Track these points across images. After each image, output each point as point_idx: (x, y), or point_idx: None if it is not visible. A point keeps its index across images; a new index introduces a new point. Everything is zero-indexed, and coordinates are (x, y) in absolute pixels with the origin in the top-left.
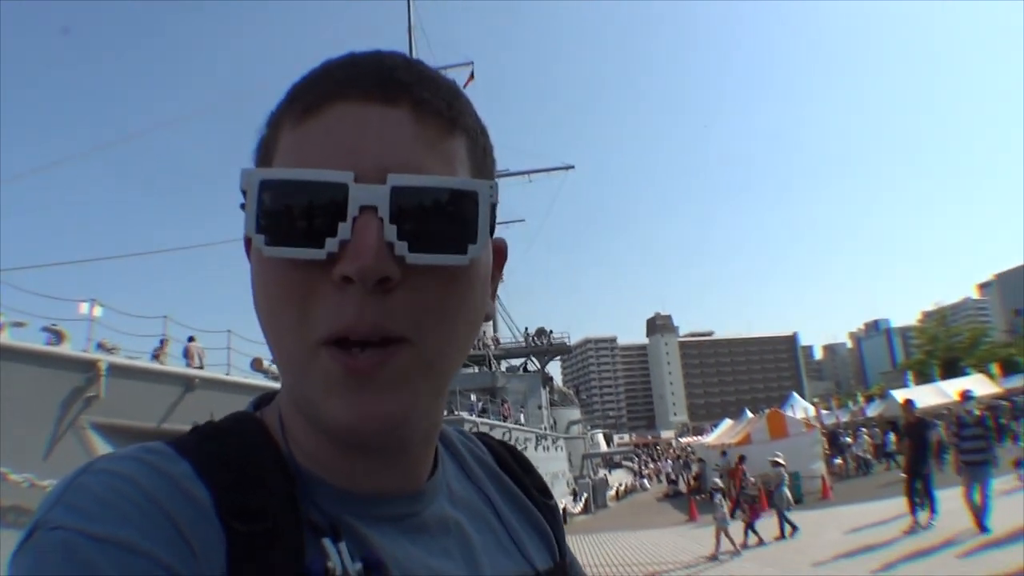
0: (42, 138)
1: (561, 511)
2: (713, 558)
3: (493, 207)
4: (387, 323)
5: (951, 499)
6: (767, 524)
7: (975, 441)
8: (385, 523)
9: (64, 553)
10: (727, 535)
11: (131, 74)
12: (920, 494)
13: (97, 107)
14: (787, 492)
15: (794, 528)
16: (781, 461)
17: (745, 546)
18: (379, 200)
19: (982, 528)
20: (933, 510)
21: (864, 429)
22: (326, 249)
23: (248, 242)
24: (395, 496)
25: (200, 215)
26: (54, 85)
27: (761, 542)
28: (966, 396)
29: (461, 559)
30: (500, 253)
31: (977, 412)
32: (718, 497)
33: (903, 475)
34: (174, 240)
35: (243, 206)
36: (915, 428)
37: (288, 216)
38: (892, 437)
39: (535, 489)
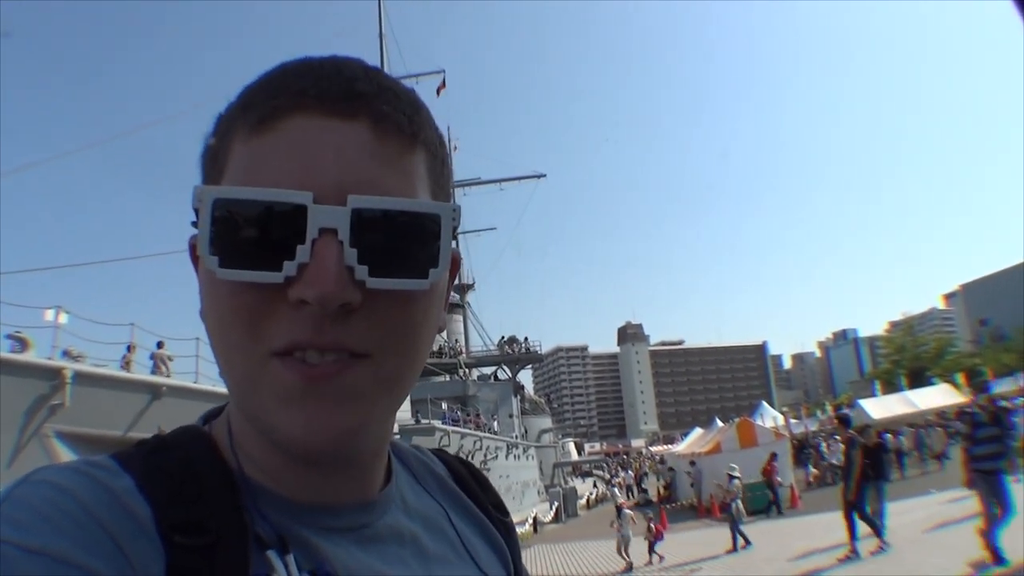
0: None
1: (533, 520)
2: (628, 569)
3: (455, 229)
4: (346, 341)
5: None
6: (722, 535)
7: (989, 445)
8: (337, 534)
9: None
10: (625, 551)
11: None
12: (861, 517)
13: (62, 110)
14: (740, 504)
15: (747, 541)
16: (737, 474)
17: (658, 562)
18: (339, 222)
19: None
20: (854, 536)
21: (839, 437)
22: (284, 273)
23: (194, 249)
24: (347, 507)
25: (178, 217)
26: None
27: (661, 559)
28: (982, 387)
29: (418, 569)
30: (454, 264)
31: (992, 408)
32: (624, 514)
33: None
34: (154, 242)
35: (195, 223)
36: (848, 448)
37: (243, 237)
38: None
39: (491, 506)
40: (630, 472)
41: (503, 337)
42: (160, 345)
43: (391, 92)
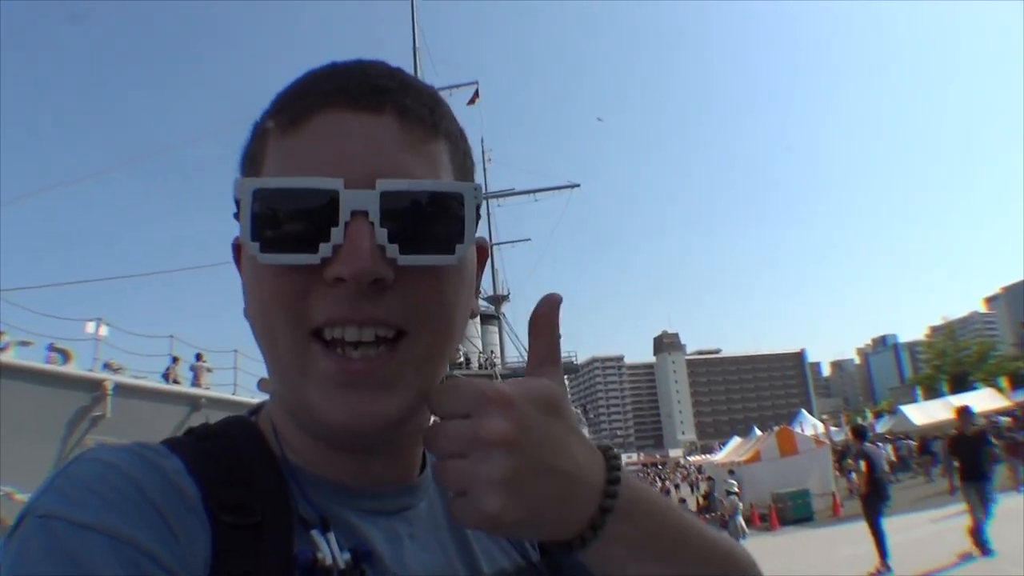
0: (48, 154)
1: None
2: None
3: (477, 208)
4: (381, 315)
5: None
6: (758, 544)
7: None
8: (378, 516)
9: (48, 540)
10: None
11: (140, 85)
12: (872, 532)
13: (106, 122)
14: (740, 521)
15: None
16: (736, 490)
17: None
18: (369, 205)
19: None
20: (883, 554)
21: (883, 444)
22: (320, 254)
23: (236, 250)
24: (387, 491)
25: (216, 229)
26: (62, 98)
27: None
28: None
29: (455, 551)
30: (482, 252)
31: None
32: None
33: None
34: (190, 255)
35: (236, 216)
36: (855, 460)
37: (281, 223)
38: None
39: None
40: (656, 487)
41: (525, 349)
42: (199, 357)
43: (413, 88)
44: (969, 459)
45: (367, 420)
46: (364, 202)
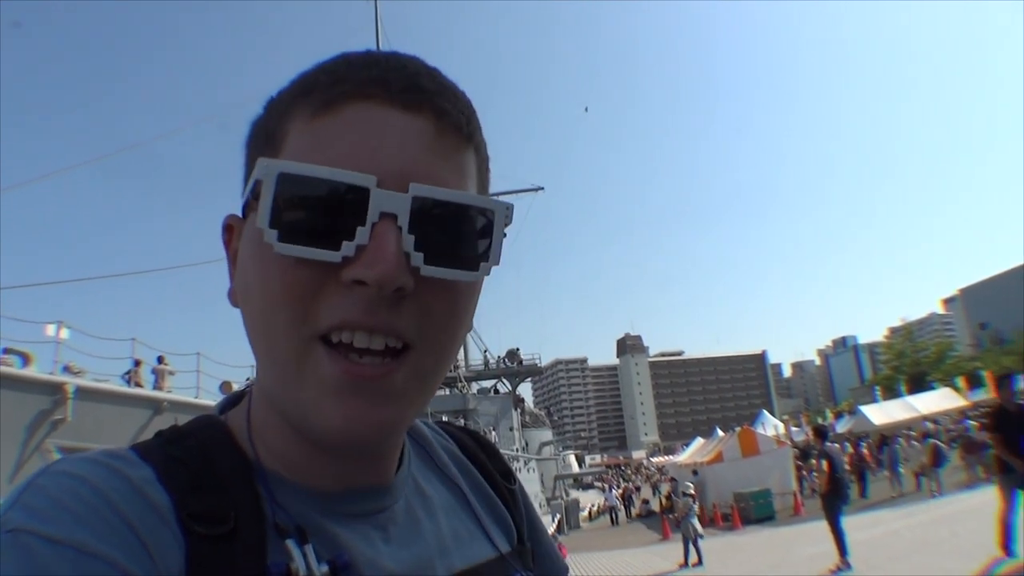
0: (14, 151)
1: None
2: None
3: (504, 227)
4: (396, 325)
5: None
6: (720, 544)
7: None
8: (356, 520)
9: (21, 555)
10: None
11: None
12: (832, 529)
13: (68, 120)
14: (696, 522)
15: (699, 559)
16: (691, 492)
17: None
18: (400, 208)
19: None
20: (843, 552)
21: (842, 445)
22: (342, 252)
23: (228, 230)
24: (365, 492)
25: (186, 230)
26: (23, 94)
27: None
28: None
29: (433, 550)
30: None
31: None
32: None
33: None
34: (152, 257)
35: (250, 194)
36: (818, 459)
37: (305, 213)
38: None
39: (498, 473)
40: (614, 492)
41: (486, 351)
42: (161, 360)
43: (451, 91)
44: (1012, 441)
45: (364, 427)
46: (395, 204)
